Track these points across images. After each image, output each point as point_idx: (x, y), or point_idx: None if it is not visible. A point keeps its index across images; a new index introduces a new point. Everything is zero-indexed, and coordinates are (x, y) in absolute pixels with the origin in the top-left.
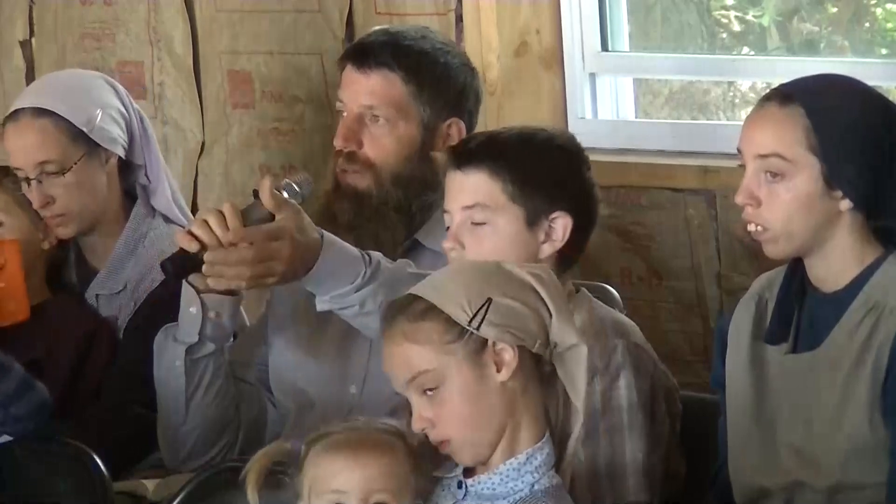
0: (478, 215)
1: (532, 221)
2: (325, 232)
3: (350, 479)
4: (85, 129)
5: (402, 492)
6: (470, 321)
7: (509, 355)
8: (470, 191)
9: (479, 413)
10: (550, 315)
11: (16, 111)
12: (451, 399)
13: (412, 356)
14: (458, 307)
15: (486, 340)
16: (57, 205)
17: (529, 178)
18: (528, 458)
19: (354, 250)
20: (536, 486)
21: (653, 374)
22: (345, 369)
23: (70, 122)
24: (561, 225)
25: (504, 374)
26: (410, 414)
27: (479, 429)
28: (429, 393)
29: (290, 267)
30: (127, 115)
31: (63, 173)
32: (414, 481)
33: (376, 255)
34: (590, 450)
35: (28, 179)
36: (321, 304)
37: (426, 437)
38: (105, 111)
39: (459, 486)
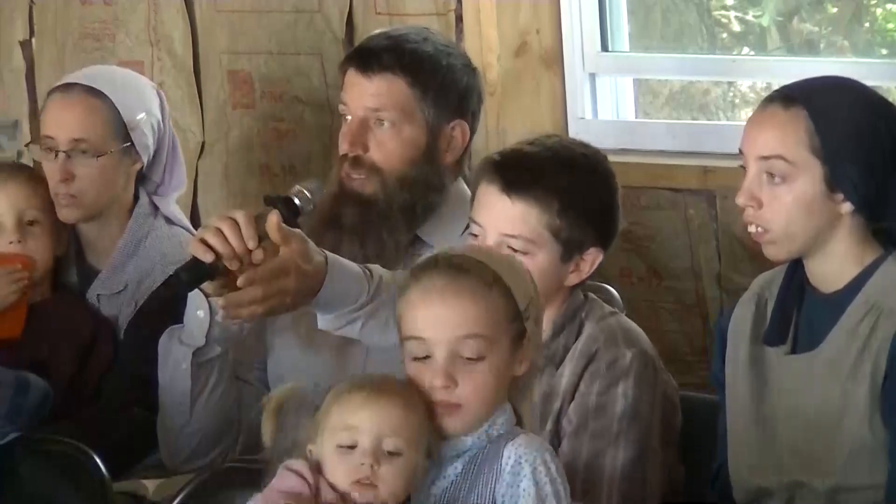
0: (516, 244)
1: (567, 258)
2: (328, 254)
3: (367, 416)
4: (128, 126)
5: (417, 443)
6: (524, 310)
7: (529, 356)
8: (515, 220)
9: (494, 395)
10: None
11: (68, 84)
12: (484, 374)
13: (477, 317)
14: (520, 292)
15: (525, 334)
16: (75, 184)
17: (577, 218)
18: (491, 422)
19: (357, 269)
20: (496, 434)
21: (657, 386)
22: (342, 368)
23: (118, 113)
24: (591, 259)
25: (521, 370)
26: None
27: (486, 407)
28: (468, 359)
29: (298, 297)
30: (162, 129)
31: (95, 156)
32: (428, 438)
33: (377, 270)
34: (574, 447)
35: (56, 151)
36: (324, 323)
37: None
38: (148, 117)
39: None
